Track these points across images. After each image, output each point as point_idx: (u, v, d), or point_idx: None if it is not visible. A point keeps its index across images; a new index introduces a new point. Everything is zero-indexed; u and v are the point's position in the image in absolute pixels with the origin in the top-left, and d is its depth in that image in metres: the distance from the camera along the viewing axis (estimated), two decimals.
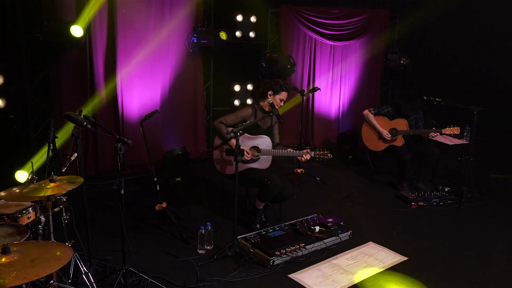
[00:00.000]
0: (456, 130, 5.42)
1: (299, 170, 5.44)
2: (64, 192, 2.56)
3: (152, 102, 6.20)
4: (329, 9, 7.36)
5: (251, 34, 6.95)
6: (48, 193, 2.45)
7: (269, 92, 4.40)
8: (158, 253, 3.93)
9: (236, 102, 7.03)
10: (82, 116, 2.77)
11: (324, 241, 4.09)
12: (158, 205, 4.37)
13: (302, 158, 4.32)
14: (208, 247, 4.01)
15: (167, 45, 6.18)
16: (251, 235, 4.12)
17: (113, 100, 5.88)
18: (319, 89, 5.71)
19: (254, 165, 4.35)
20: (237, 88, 7.06)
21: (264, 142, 4.36)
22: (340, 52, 7.65)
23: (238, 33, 6.79)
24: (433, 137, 5.57)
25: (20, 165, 4.76)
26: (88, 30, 5.23)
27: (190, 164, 6.19)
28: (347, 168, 6.83)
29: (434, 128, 5.49)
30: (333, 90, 7.73)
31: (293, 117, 7.27)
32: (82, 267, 3.11)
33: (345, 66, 7.74)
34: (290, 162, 6.14)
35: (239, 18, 6.76)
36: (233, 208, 3.89)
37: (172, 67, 6.35)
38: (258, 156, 4.35)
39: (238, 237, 4.02)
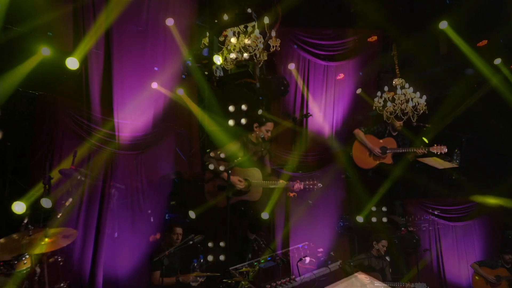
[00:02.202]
0: (443, 148, 5.56)
1: (291, 194, 5.53)
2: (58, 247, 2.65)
3: (146, 125, 6.26)
4: (323, 29, 7.45)
5: (245, 56, 7.02)
6: (44, 250, 2.54)
7: (255, 125, 4.49)
8: None
9: (230, 122, 7.10)
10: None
11: (314, 272, 4.20)
12: (152, 235, 4.48)
13: (294, 188, 4.41)
14: (201, 279, 4.11)
15: (162, 69, 6.27)
16: (242, 266, 4.21)
17: (109, 127, 5.89)
18: (311, 115, 5.83)
19: (245, 197, 4.43)
20: (231, 108, 7.13)
21: (254, 174, 4.43)
22: (334, 72, 7.73)
23: (232, 55, 6.86)
24: (420, 154, 5.69)
25: (17, 194, 4.82)
26: (84, 61, 5.29)
27: (184, 186, 6.27)
28: (340, 188, 6.91)
29: (422, 146, 5.65)
30: (326, 110, 7.79)
31: (287, 137, 7.36)
32: None
33: (339, 86, 7.82)
34: None
35: (233, 40, 6.84)
36: (226, 237, 3.97)
37: (167, 89, 6.42)
38: (249, 188, 4.42)
39: (230, 268, 4.11)
